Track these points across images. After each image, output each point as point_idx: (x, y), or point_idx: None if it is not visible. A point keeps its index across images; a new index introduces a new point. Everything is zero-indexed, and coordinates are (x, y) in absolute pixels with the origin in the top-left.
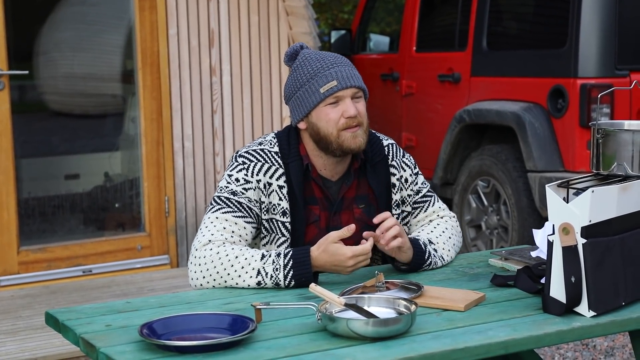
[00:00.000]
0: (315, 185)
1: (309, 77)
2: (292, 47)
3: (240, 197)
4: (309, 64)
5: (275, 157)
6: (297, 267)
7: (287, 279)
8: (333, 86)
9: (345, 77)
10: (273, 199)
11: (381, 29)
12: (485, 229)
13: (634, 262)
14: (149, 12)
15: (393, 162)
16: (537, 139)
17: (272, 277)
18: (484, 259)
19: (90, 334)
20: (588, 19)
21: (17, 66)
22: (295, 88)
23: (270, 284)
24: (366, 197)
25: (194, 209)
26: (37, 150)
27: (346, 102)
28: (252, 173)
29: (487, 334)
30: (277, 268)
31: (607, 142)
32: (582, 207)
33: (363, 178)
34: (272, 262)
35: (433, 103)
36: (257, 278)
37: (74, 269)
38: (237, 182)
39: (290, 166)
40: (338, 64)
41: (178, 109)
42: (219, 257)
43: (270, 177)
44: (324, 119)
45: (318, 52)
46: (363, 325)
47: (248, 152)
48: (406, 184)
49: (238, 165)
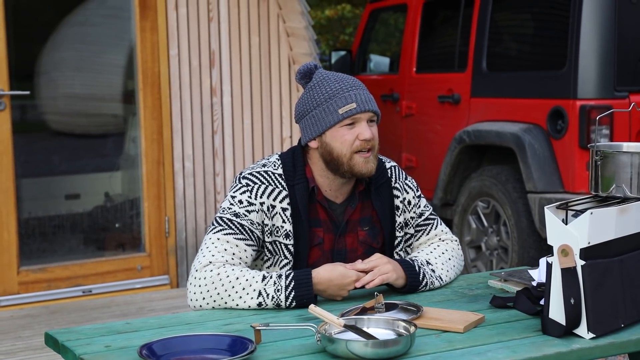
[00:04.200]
0: (321, 208)
1: (327, 97)
2: (305, 66)
3: (243, 219)
4: (327, 85)
5: (279, 179)
6: (299, 288)
7: (288, 300)
8: (352, 108)
9: (364, 101)
10: (276, 221)
11: (381, 50)
12: (485, 249)
13: (633, 284)
14: (150, 33)
15: (396, 184)
16: (537, 160)
17: (273, 298)
18: (484, 280)
19: (90, 354)
20: (587, 40)
21: (19, 86)
22: (311, 107)
23: (272, 305)
24: (370, 219)
25: (194, 229)
26: (37, 170)
27: (362, 125)
28: (256, 195)
29: (486, 356)
30: (278, 289)
31: (606, 164)
32: (580, 228)
33: (367, 200)
34: (274, 283)
35: (433, 124)
36: (259, 299)
37: (73, 289)
38: (240, 204)
39: (296, 188)
40: (356, 87)
41: (179, 129)
42: (219, 278)
43: (274, 200)
44: (339, 140)
45: (335, 74)
46: (362, 346)
47: (252, 174)
48: (409, 206)
49: (242, 187)
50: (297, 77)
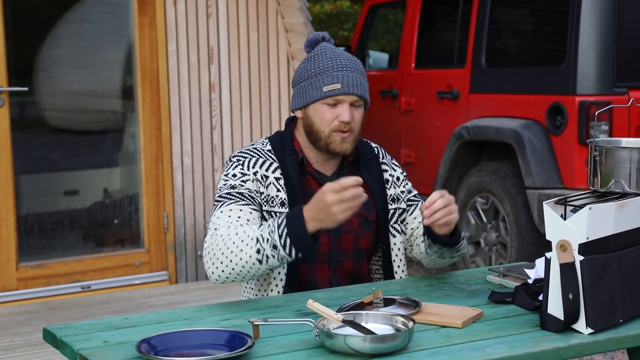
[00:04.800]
0: (312, 179)
1: (317, 72)
2: (314, 35)
3: (240, 189)
4: (321, 59)
5: (268, 154)
6: (291, 222)
7: (282, 238)
8: (336, 88)
9: (350, 84)
10: (271, 191)
11: (380, 46)
12: (484, 245)
13: (631, 279)
14: (149, 29)
15: (384, 160)
16: (536, 156)
17: (268, 240)
18: (482, 276)
19: (88, 350)
20: (587, 36)
21: (17, 83)
22: (303, 78)
23: (269, 249)
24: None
25: (192, 225)
26: (36, 166)
27: (344, 106)
28: (249, 167)
29: (484, 351)
30: (272, 230)
31: (605, 160)
32: (579, 224)
33: (357, 174)
34: (268, 225)
35: (432, 120)
36: (257, 246)
37: (72, 285)
38: (234, 177)
39: (286, 160)
40: (347, 69)
41: (177, 126)
42: (222, 239)
43: (266, 170)
44: (319, 116)
45: (335, 50)
46: (360, 341)
47: (241, 152)
48: (398, 182)
49: (233, 163)
50: (305, 44)
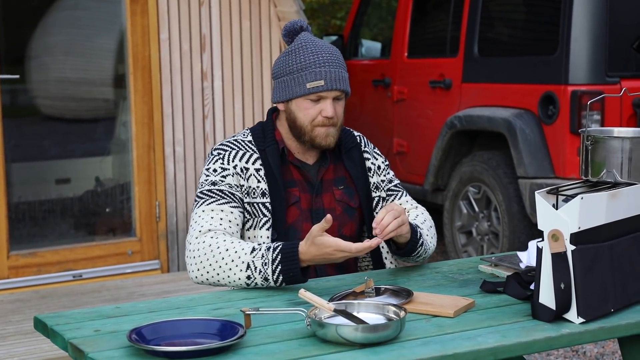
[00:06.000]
0: (294, 168)
1: (299, 68)
2: (292, 23)
3: (221, 185)
4: (303, 54)
5: (249, 145)
6: (285, 262)
7: (275, 274)
8: (319, 85)
9: (333, 80)
10: (252, 182)
11: (373, 35)
12: (476, 235)
13: (622, 269)
14: (141, 17)
15: (366, 149)
16: (528, 146)
17: (260, 271)
18: (474, 265)
19: (79, 339)
20: (579, 25)
21: (8, 70)
22: (284, 72)
23: (260, 279)
24: (344, 180)
25: (184, 214)
26: (28, 154)
27: (327, 102)
28: (229, 160)
29: (476, 340)
30: (265, 262)
31: (597, 149)
32: (571, 213)
33: (339, 162)
34: (262, 255)
35: (424, 109)
36: (247, 272)
37: (64, 274)
38: (215, 173)
39: (267, 150)
40: (329, 64)
41: (169, 114)
42: (210, 249)
43: (246, 162)
44: (303, 111)
45: (316, 43)
46: (352, 331)
47: (222, 144)
48: (379, 170)
49: (214, 157)
50: (283, 33)
